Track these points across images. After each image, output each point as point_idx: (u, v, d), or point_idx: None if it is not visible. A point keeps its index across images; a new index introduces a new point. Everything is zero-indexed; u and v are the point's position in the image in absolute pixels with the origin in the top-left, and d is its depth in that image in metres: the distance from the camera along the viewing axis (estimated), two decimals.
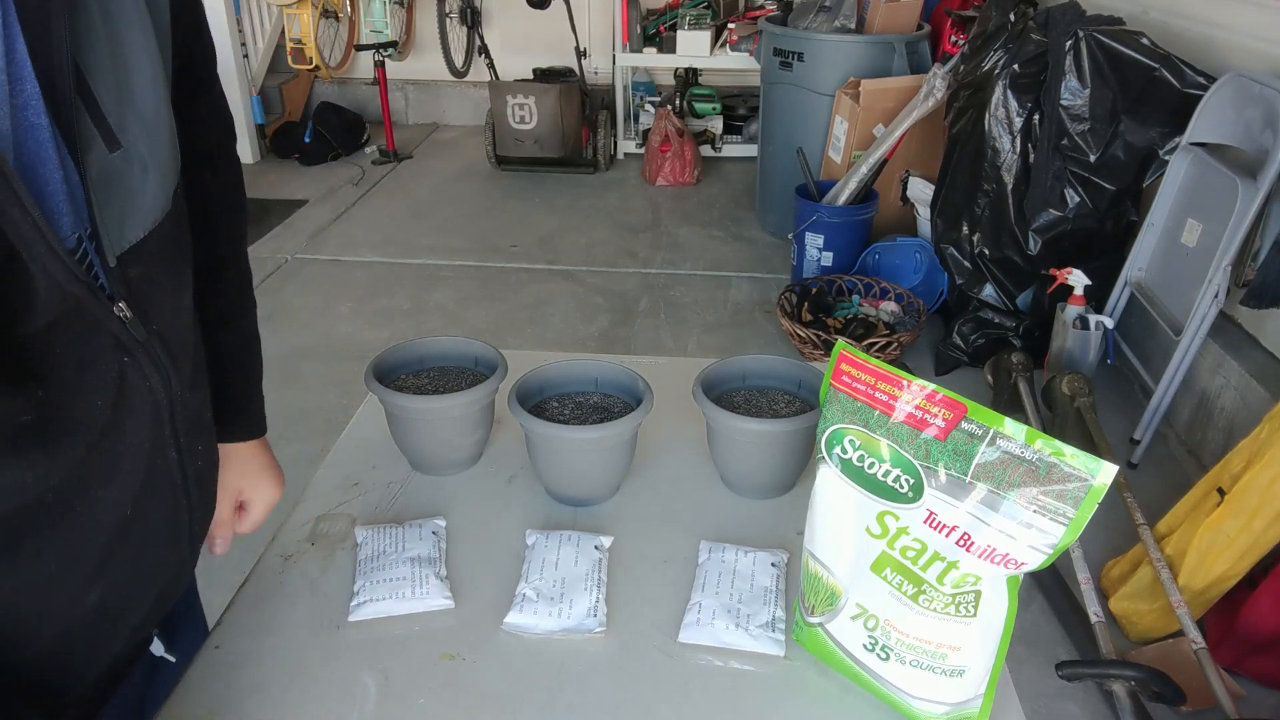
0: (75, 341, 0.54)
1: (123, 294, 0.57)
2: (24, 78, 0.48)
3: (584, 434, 0.98)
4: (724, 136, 5.10)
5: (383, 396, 1.03)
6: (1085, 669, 1.73)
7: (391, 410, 1.05)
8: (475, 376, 1.11)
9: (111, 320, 0.56)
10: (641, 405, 1.00)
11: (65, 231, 0.52)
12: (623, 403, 1.07)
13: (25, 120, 0.48)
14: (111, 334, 0.57)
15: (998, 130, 2.79)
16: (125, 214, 0.57)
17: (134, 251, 0.58)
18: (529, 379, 1.05)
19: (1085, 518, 0.62)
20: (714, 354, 1.59)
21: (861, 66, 3.58)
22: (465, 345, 1.13)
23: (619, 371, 1.08)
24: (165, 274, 0.63)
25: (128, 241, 0.57)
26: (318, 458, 1.13)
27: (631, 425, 0.98)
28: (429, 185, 4.75)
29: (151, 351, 0.61)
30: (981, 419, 0.65)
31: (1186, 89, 2.50)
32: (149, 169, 0.58)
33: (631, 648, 0.85)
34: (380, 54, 4.85)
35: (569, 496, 1.04)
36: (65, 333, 0.53)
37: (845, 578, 0.76)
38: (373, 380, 1.05)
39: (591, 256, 3.92)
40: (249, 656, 0.83)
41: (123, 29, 0.55)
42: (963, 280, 3.02)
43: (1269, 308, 2.18)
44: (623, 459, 1.02)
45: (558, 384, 1.09)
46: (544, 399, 1.07)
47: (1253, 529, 1.75)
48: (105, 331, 0.56)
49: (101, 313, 0.55)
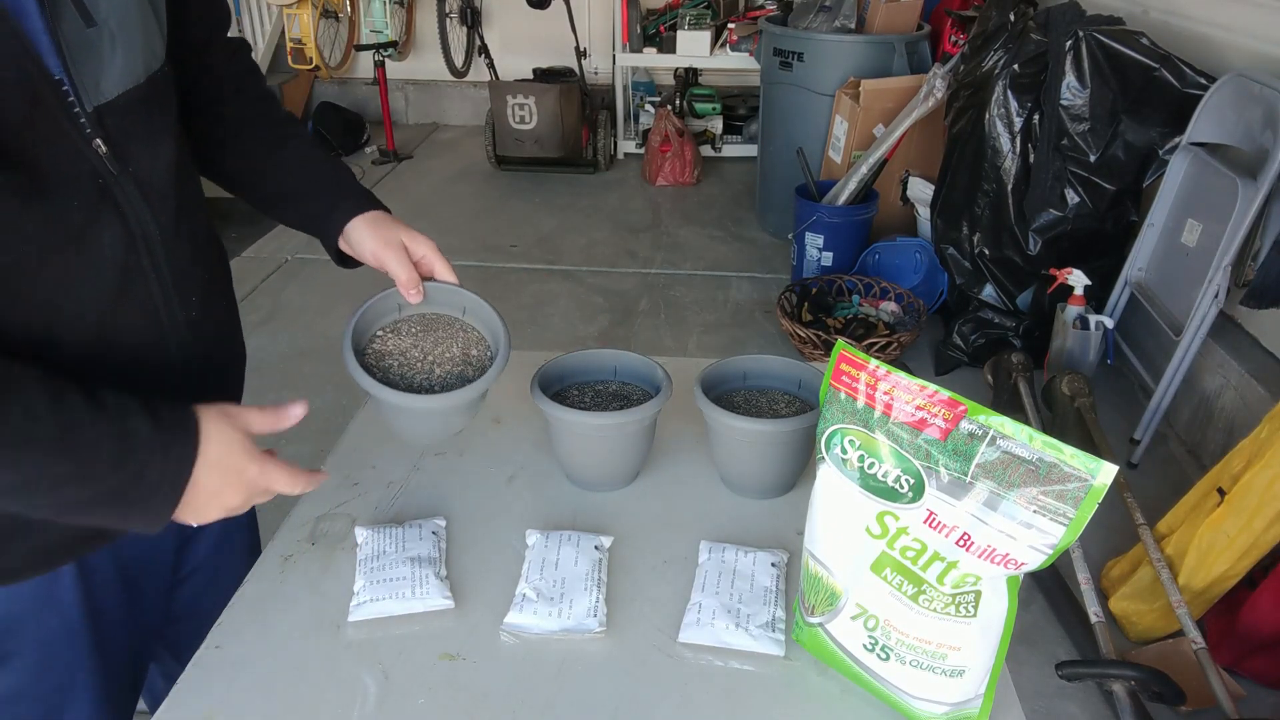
0: (62, 157, 0.70)
1: (99, 134, 0.73)
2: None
3: (605, 420, 1.00)
4: (724, 136, 5.10)
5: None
6: (1085, 669, 1.73)
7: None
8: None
9: (89, 150, 0.72)
10: (661, 392, 1.02)
11: (52, 66, 0.68)
12: (641, 391, 1.09)
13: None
14: (89, 161, 0.73)
15: (998, 130, 2.79)
16: (99, 76, 0.72)
17: (109, 107, 0.73)
18: (549, 368, 1.08)
19: (1085, 518, 0.62)
20: (714, 354, 1.59)
21: (861, 66, 3.58)
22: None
23: (638, 361, 1.10)
24: (141, 131, 0.78)
25: (103, 97, 0.73)
26: (318, 458, 1.13)
27: (651, 411, 1.00)
28: (429, 185, 4.75)
29: (125, 186, 0.76)
30: (981, 419, 0.65)
31: (1186, 89, 2.50)
32: (117, 45, 0.74)
33: (631, 648, 0.85)
34: (380, 54, 4.85)
35: (589, 482, 1.06)
36: (55, 147, 0.69)
37: (845, 578, 0.76)
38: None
39: (591, 256, 3.92)
40: (249, 656, 0.83)
41: None
42: (963, 280, 3.02)
43: (1269, 308, 2.18)
44: (642, 445, 1.04)
45: (578, 373, 1.11)
46: (564, 387, 1.10)
47: (1253, 529, 1.75)
48: (85, 158, 0.72)
49: (81, 141, 0.71)
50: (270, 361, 3.05)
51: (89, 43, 0.71)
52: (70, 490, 0.68)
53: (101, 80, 0.73)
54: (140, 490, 0.70)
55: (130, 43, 0.75)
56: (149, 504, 0.71)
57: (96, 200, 0.74)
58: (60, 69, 0.69)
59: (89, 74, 0.71)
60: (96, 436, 0.67)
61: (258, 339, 3.16)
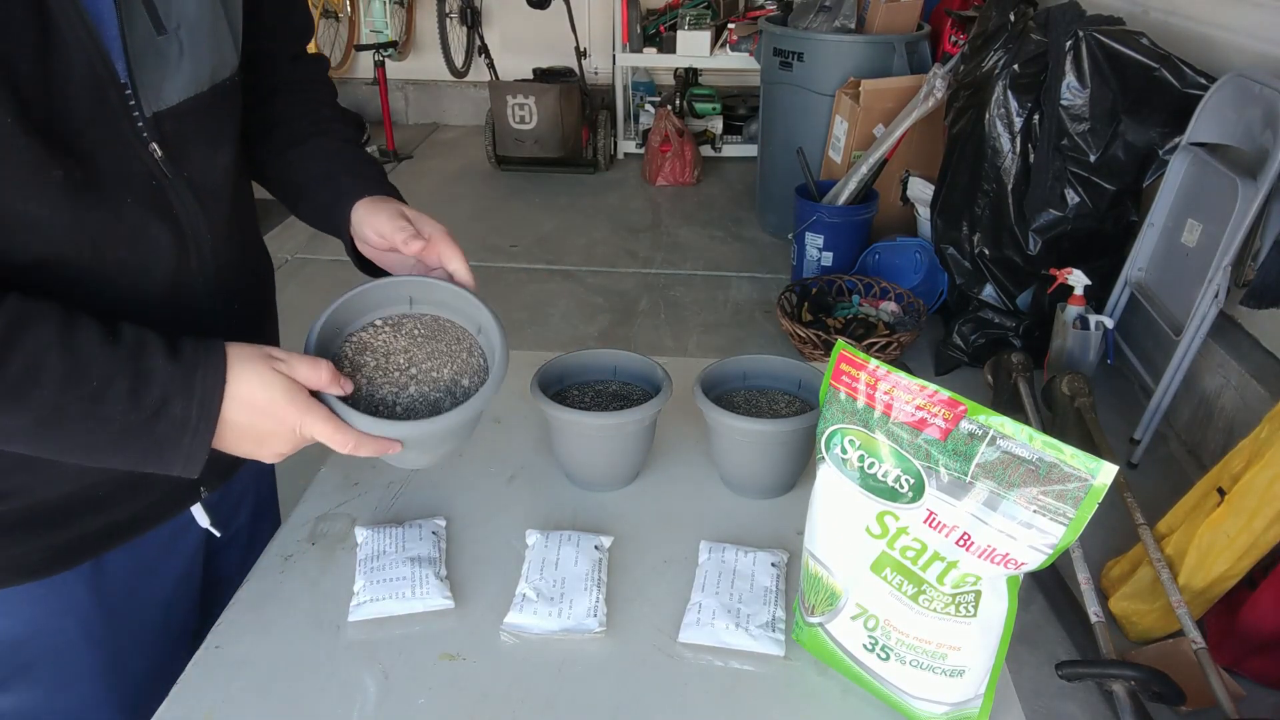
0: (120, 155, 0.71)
1: (155, 138, 0.73)
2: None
3: (605, 420, 1.00)
4: (724, 136, 5.10)
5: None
6: (1085, 669, 1.73)
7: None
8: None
9: (145, 153, 0.73)
10: (661, 392, 1.02)
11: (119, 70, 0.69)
12: (641, 390, 1.09)
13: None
14: (144, 163, 0.74)
15: (998, 130, 2.79)
16: (162, 82, 0.73)
17: (168, 113, 0.74)
18: (549, 368, 1.08)
19: (1085, 518, 0.62)
20: (714, 354, 1.59)
21: (861, 66, 3.58)
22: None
23: (638, 361, 1.10)
24: (200, 137, 0.79)
25: (164, 103, 0.74)
26: (318, 458, 1.13)
27: (651, 411, 1.00)
28: (429, 185, 4.75)
29: (179, 189, 0.77)
30: (981, 419, 0.65)
31: (1186, 89, 2.50)
32: (185, 53, 0.75)
33: (631, 648, 0.85)
34: (380, 54, 4.85)
35: (589, 482, 1.06)
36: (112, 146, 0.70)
37: (845, 578, 0.76)
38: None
39: (591, 256, 3.92)
40: (249, 656, 0.83)
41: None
42: (963, 280, 3.02)
43: (1269, 308, 2.18)
44: (642, 445, 1.04)
45: (578, 373, 1.11)
46: (564, 387, 1.10)
47: (1253, 529, 1.75)
48: (140, 159, 0.73)
49: (137, 144, 0.72)
50: None
51: (158, 49, 0.72)
52: (90, 429, 0.66)
53: (165, 86, 0.74)
54: (165, 426, 0.68)
55: (198, 51, 0.76)
56: (179, 442, 0.69)
57: (150, 201, 0.75)
58: (125, 73, 0.70)
59: (152, 80, 0.72)
60: (111, 372, 0.66)
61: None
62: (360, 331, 0.84)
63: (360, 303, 0.84)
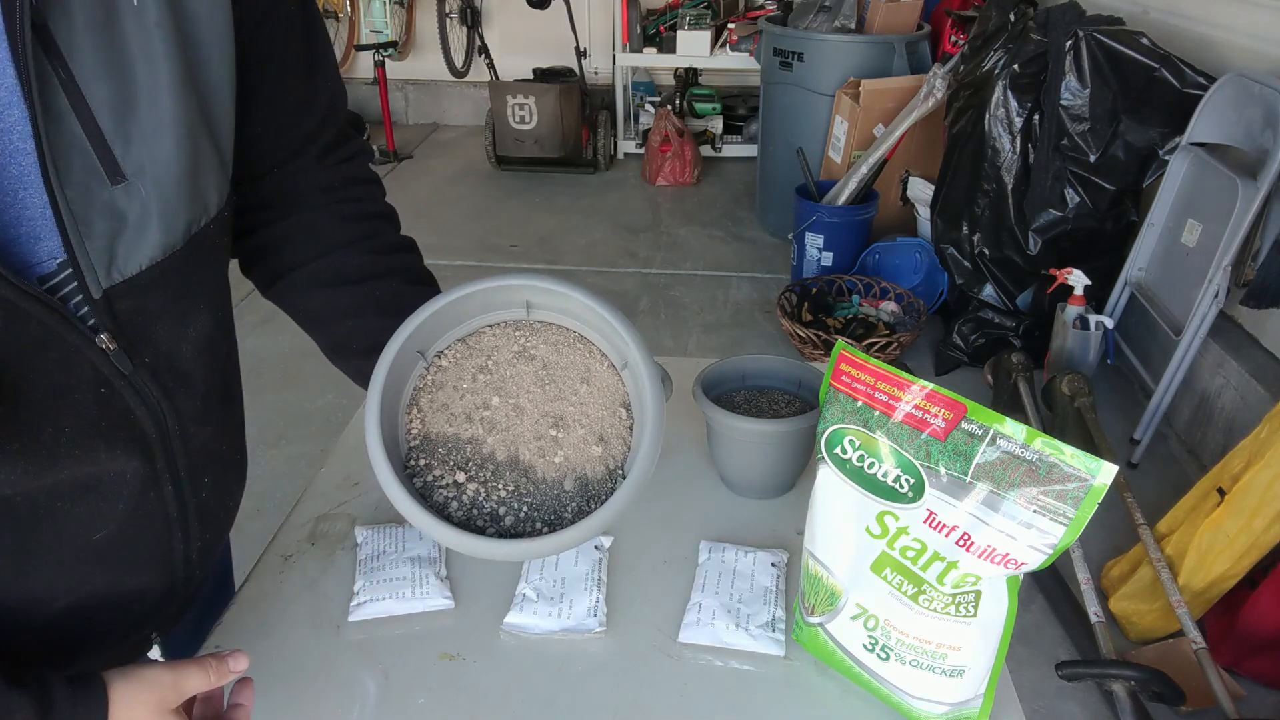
0: (50, 367, 0.55)
1: (106, 325, 0.57)
2: (12, 102, 0.49)
3: None
4: (724, 136, 5.10)
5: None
6: (1085, 669, 1.73)
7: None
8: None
9: (91, 350, 0.56)
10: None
11: (39, 257, 0.52)
12: None
13: (8, 144, 0.49)
14: (90, 364, 0.57)
15: (998, 130, 2.79)
16: (114, 249, 0.56)
17: (126, 287, 0.57)
18: None
19: (1085, 518, 0.62)
20: (714, 354, 1.59)
21: (861, 66, 3.58)
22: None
23: None
24: (165, 308, 0.62)
25: (120, 275, 0.57)
26: (318, 458, 1.13)
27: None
28: (429, 185, 4.75)
29: (139, 385, 0.61)
30: (981, 419, 0.65)
31: (1186, 89, 2.50)
32: (152, 204, 0.57)
33: (631, 648, 0.85)
34: (380, 54, 4.85)
35: None
36: (37, 357, 0.54)
37: (845, 578, 0.76)
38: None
39: (591, 256, 3.92)
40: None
41: (138, 68, 0.55)
42: (963, 280, 3.02)
43: (1269, 308, 2.18)
44: None
45: None
46: None
47: (1253, 529, 1.75)
48: (83, 361, 0.56)
49: (80, 342, 0.56)
50: (270, 361, 3.05)
51: (110, 206, 0.54)
52: None
53: (120, 252, 0.56)
54: None
55: (170, 203, 0.58)
56: None
57: (96, 423, 0.59)
58: (61, 248, 0.52)
59: (101, 249, 0.55)
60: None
61: (258, 339, 3.16)
62: (437, 364, 0.58)
63: (451, 314, 0.57)
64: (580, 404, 0.55)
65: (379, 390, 0.54)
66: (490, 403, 0.56)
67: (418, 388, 0.57)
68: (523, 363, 0.56)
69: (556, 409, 0.55)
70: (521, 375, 0.56)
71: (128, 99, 0.54)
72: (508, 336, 0.58)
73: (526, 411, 0.55)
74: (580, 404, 0.55)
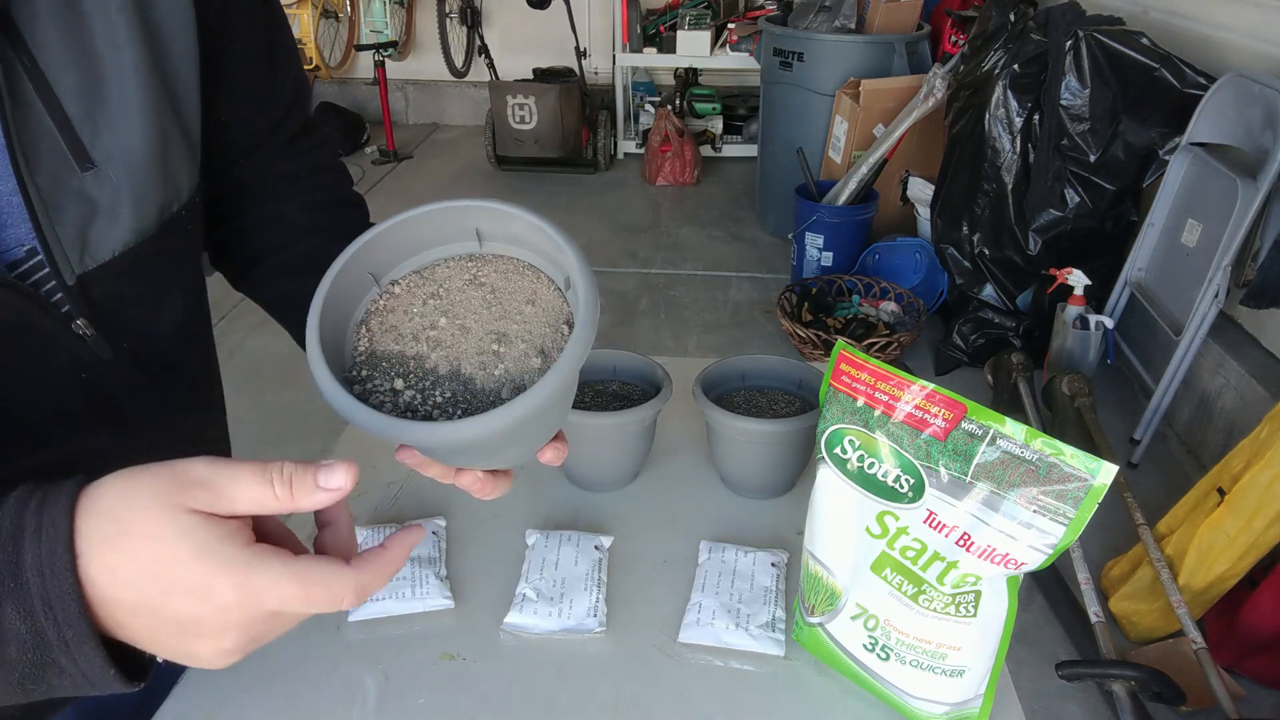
0: (29, 353, 0.55)
1: (83, 311, 0.57)
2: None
3: (605, 420, 1.00)
4: (724, 136, 5.10)
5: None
6: (1085, 669, 1.73)
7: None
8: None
9: (68, 336, 0.56)
10: (661, 392, 1.02)
11: (7, 244, 0.52)
12: (641, 390, 1.09)
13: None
14: (69, 350, 0.57)
15: (998, 130, 2.79)
16: (89, 234, 0.56)
17: (101, 271, 0.57)
18: None
19: (1085, 518, 0.62)
20: (714, 354, 1.59)
21: (861, 66, 3.58)
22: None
23: (638, 361, 1.10)
24: (141, 294, 0.61)
25: (94, 260, 0.57)
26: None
27: (651, 411, 1.00)
28: (429, 185, 4.75)
29: (120, 371, 0.61)
30: (981, 419, 0.65)
31: (1186, 89, 2.50)
32: (123, 190, 0.57)
33: (631, 648, 0.85)
34: (380, 54, 4.85)
35: (589, 482, 1.06)
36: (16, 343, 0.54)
37: (845, 578, 0.76)
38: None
39: (591, 256, 3.90)
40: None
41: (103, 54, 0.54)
42: (963, 280, 3.02)
43: (1269, 308, 2.18)
44: (642, 445, 1.04)
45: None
46: None
47: (1253, 529, 1.75)
48: (62, 347, 0.56)
49: (56, 328, 0.56)
50: (270, 361, 3.05)
51: (80, 193, 0.54)
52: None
53: (93, 238, 0.56)
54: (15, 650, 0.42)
55: (141, 189, 0.58)
56: (44, 676, 0.43)
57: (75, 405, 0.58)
58: (31, 234, 0.52)
59: (73, 235, 0.55)
60: None
61: (258, 338, 3.16)
62: (398, 281, 0.59)
63: (401, 239, 0.58)
64: (524, 322, 0.57)
65: (323, 296, 0.55)
66: (438, 324, 0.57)
67: (369, 311, 0.58)
68: (473, 289, 0.58)
69: (501, 326, 0.56)
70: (470, 299, 0.57)
71: (94, 85, 0.54)
72: (460, 268, 0.59)
73: (471, 330, 0.56)
74: (524, 322, 0.57)
